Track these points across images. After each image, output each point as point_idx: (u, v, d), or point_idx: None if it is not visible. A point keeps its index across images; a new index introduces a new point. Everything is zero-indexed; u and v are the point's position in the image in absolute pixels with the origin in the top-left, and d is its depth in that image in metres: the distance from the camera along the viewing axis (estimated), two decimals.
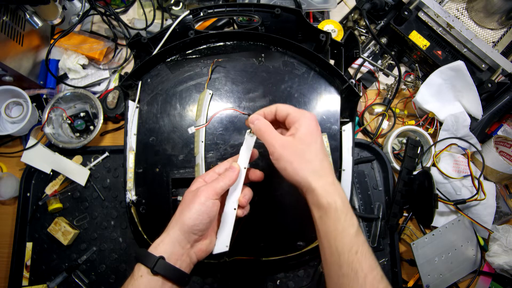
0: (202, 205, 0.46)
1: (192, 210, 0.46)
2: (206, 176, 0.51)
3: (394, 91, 0.84)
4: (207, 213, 0.46)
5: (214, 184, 0.48)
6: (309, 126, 0.47)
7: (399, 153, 0.84)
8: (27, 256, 0.78)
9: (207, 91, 0.67)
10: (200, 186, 0.48)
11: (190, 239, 0.47)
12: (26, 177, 0.80)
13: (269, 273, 0.75)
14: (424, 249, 0.74)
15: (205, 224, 0.46)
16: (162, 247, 0.45)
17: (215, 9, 0.72)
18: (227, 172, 0.49)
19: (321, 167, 0.46)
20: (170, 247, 0.45)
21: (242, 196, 0.51)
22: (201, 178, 0.51)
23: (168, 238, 0.46)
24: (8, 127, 0.84)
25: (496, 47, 0.84)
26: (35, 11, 0.75)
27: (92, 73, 0.89)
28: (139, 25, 0.91)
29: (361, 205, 0.81)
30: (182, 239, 0.46)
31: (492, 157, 0.79)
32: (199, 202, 0.46)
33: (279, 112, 0.49)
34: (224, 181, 0.48)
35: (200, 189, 0.47)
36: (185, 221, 0.46)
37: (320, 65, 0.68)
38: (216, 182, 0.48)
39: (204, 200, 0.46)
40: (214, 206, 0.47)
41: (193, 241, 0.47)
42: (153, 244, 0.46)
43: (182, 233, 0.46)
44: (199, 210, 0.46)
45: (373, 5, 0.85)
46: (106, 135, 0.86)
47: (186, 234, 0.46)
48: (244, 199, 0.51)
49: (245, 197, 0.51)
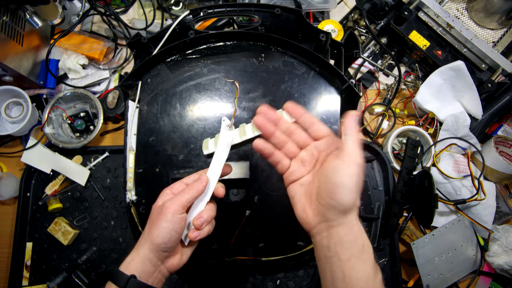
0: (169, 222, 0.44)
1: (159, 228, 0.44)
2: (173, 187, 0.49)
3: (394, 91, 0.84)
4: (175, 230, 0.45)
5: (180, 197, 0.46)
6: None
7: (399, 153, 0.84)
8: (27, 256, 0.78)
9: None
10: (166, 200, 0.46)
11: (161, 257, 0.46)
12: (26, 177, 0.80)
13: (269, 273, 0.75)
14: (424, 249, 0.74)
15: (174, 241, 0.45)
16: (133, 265, 0.44)
17: (215, 9, 0.72)
18: (195, 183, 0.47)
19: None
20: (140, 266, 0.44)
21: (197, 218, 0.47)
22: (169, 190, 0.49)
23: (138, 257, 0.45)
24: (8, 127, 0.84)
25: (496, 47, 0.84)
26: (35, 11, 0.75)
27: (92, 73, 0.89)
28: (139, 25, 0.91)
29: (361, 205, 0.81)
30: (152, 257, 0.45)
31: (492, 157, 0.79)
32: (165, 220, 0.44)
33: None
34: (190, 193, 0.46)
35: (166, 204, 0.45)
36: (154, 240, 0.44)
37: (320, 65, 0.68)
38: (182, 194, 0.46)
39: (171, 217, 0.44)
40: (181, 221, 0.45)
41: (163, 258, 0.46)
42: (124, 263, 0.45)
43: (152, 252, 0.45)
44: (166, 227, 0.44)
45: (373, 5, 0.85)
46: (106, 135, 0.86)
47: (156, 252, 0.45)
48: (198, 221, 0.47)
49: (199, 219, 0.47)
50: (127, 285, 0.42)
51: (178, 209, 0.45)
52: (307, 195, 0.43)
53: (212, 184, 0.49)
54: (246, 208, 0.65)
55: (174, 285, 0.75)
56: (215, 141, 0.64)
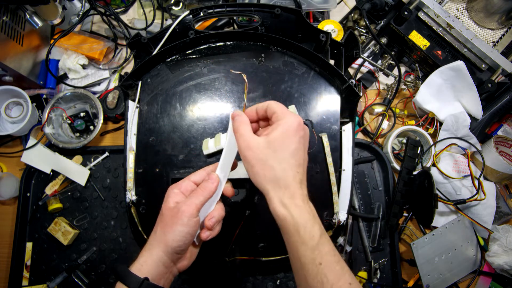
0: (186, 226, 0.44)
1: (175, 232, 0.44)
2: (182, 186, 0.48)
3: (394, 91, 0.84)
4: (190, 233, 0.45)
5: (194, 200, 0.45)
6: (285, 130, 0.42)
7: (399, 153, 0.84)
8: (27, 256, 0.78)
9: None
10: (179, 202, 0.46)
11: (174, 259, 0.46)
12: (26, 177, 0.80)
13: (269, 273, 0.75)
14: (424, 249, 0.74)
15: (188, 243, 0.46)
16: (146, 268, 0.44)
17: (215, 9, 0.72)
18: (206, 184, 0.47)
19: (283, 177, 0.41)
20: (154, 268, 0.44)
21: (208, 219, 0.47)
22: (177, 189, 0.48)
23: (151, 259, 0.45)
24: (8, 127, 0.84)
25: (496, 47, 0.84)
26: (35, 11, 0.75)
27: (92, 73, 0.89)
28: (139, 25, 0.91)
29: (361, 205, 0.81)
30: (166, 260, 0.45)
31: (492, 157, 0.79)
32: (181, 223, 0.44)
33: (268, 110, 0.45)
34: (203, 195, 0.46)
35: (181, 208, 0.45)
36: (168, 243, 0.44)
37: (320, 65, 0.68)
38: (196, 197, 0.46)
39: (187, 221, 0.44)
40: (196, 224, 0.45)
41: (176, 259, 0.47)
42: (136, 264, 0.45)
43: (166, 254, 0.45)
44: (182, 231, 0.44)
45: (373, 5, 0.85)
46: (106, 135, 0.86)
47: (170, 255, 0.45)
48: (210, 222, 0.47)
49: (211, 220, 0.47)
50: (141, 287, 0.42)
51: (194, 213, 0.45)
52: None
53: (222, 184, 0.49)
54: (246, 208, 0.65)
55: (174, 285, 0.74)
56: (215, 141, 0.64)
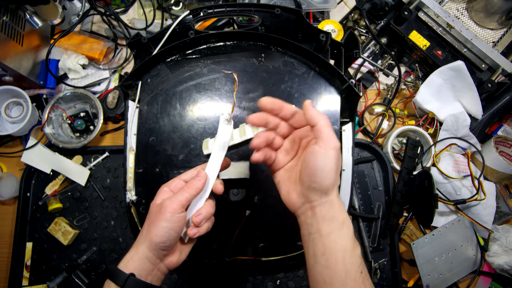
0: (168, 222, 0.44)
1: (158, 228, 0.44)
2: (171, 184, 0.48)
3: (394, 91, 0.84)
4: (174, 229, 0.44)
5: (179, 196, 0.45)
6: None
7: (399, 153, 0.84)
8: (27, 256, 0.78)
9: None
10: (165, 199, 0.46)
11: (160, 255, 0.46)
12: (26, 177, 0.80)
13: (269, 273, 0.75)
14: (424, 249, 0.74)
15: (173, 240, 0.45)
16: (132, 264, 0.45)
17: (215, 9, 0.71)
18: (193, 180, 0.46)
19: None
20: (139, 264, 0.45)
21: (196, 215, 0.46)
22: (167, 187, 0.48)
23: (137, 255, 0.45)
24: (8, 127, 0.84)
25: (496, 47, 0.84)
26: (35, 11, 0.75)
27: (92, 73, 0.89)
28: (139, 25, 0.91)
29: (361, 205, 0.81)
30: (151, 256, 0.45)
31: (492, 157, 0.79)
32: (164, 219, 0.44)
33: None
34: (189, 192, 0.46)
35: (165, 203, 0.45)
36: (152, 239, 0.44)
37: (320, 65, 0.68)
38: (181, 193, 0.45)
39: (170, 217, 0.44)
40: (180, 220, 0.45)
41: (162, 256, 0.46)
42: (123, 261, 0.45)
43: (151, 250, 0.45)
44: (165, 227, 0.44)
45: (373, 5, 0.85)
46: (106, 135, 0.86)
47: (155, 251, 0.45)
48: (197, 219, 0.46)
49: (198, 217, 0.46)
50: (126, 283, 0.42)
51: (177, 208, 0.44)
52: (291, 179, 0.45)
53: (211, 181, 0.49)
54: (246, 208, 0.65)
55: (174, 285, 0.75)
56: (215, 140, 0.64)
